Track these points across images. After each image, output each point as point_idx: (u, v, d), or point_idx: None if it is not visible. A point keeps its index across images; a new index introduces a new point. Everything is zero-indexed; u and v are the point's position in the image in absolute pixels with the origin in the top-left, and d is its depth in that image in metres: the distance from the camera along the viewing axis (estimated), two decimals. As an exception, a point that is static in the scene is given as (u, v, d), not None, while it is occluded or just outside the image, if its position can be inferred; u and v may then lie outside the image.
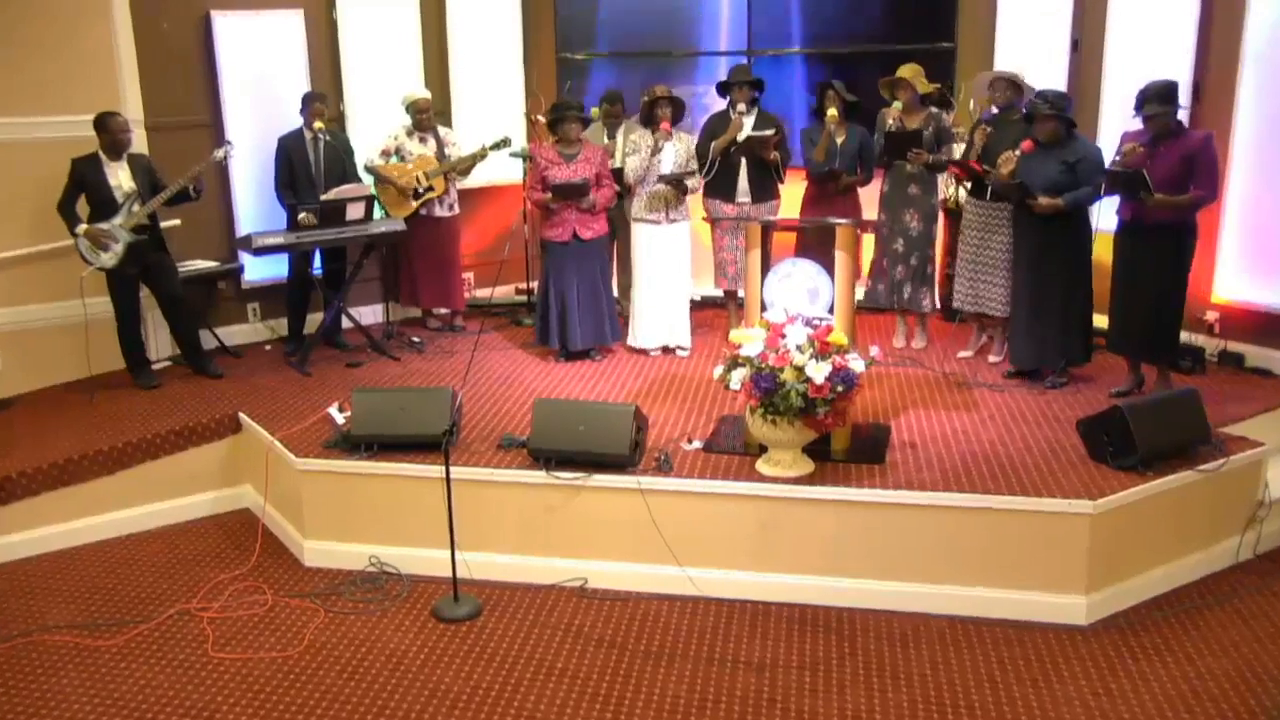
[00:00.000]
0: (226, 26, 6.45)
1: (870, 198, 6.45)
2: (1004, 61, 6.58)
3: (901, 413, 5.31)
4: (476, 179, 7.03)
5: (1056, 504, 4.30)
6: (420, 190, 6.60)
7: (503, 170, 7.24)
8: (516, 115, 7.41)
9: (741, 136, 6.27)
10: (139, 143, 6.04)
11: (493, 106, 7.40)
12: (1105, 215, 5.62)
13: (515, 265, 7.38)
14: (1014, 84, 5.75)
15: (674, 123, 6.19)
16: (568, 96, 6.99)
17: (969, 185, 6.05)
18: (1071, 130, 5.36)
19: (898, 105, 6.02)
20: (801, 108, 7.46)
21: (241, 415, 5.45)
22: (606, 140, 6.67)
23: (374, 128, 6.82)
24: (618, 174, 6.41)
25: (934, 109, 6.20)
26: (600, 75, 7.70)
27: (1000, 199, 5.67)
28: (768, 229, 5.15)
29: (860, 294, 6.47)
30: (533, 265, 7.22)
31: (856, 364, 4.45)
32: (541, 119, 6.83)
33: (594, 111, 6.56)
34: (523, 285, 7.47)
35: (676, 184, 6.13)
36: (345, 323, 6.56)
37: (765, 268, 5.05)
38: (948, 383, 5.73)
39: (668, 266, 6.24)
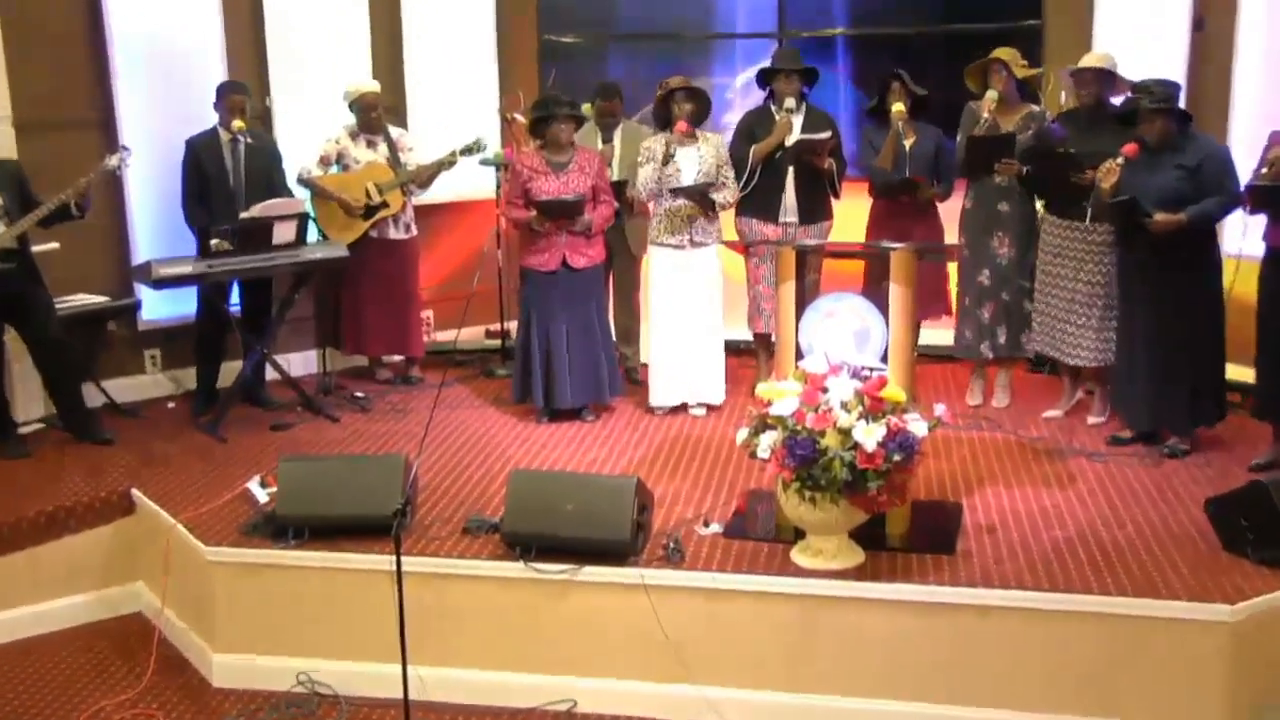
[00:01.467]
0: (121, 1, 6.48)
1: (955, 217, 6.51)
2: (1105, 43, 6.64)
3: (976, 488, 5.30)
4: (439, 192, 7.11)
5: (1182, 608, 4.20)
6: (368, 207, 6.71)
7: (472, 181, 7.32)
8: (489, 113, 7.47)
9: (790, 140, 6.37)
10: (5, 146, 6.06)
11: (459, 102, 7.47)
12: (1232, 235, 5.67)
13: (487, 301, 7.39)
14: (1104, 73, 5.79)
15: (696, 123, 6.26)
16: (555, 90, 7.13)
17: (1044, 198, 6.13)
18: (1186, 127, 5.39)
19: (993, 95, 6.08)
20: (849, 105, 7.57)
21: (135, 493, 5.42)
22: (601, 145, 6.73)
23: (309, 128, 6.87)
24: (617, 188, 6.47)
25: (1035, 106, 6.27)
26: (593, 64, 7.75)
27: (1100, 219, 5.69)
28: (806, 255, 5.20)
29: (940, 338, 6.62)
30: (510, 301, 7.23)
31: (918, 426, 4.46)
32: (521, 118, 6.93)
33: (585, 108, 6.60)
34: (496, 326, 7.50)
35: (700, 199, 6.22)
36: (270, 374, 6.59)
37: (802, 305, 5.08)
38: (1035, 450, 5.73)
39: (696, 302, 6.29)
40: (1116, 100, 5.79)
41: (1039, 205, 6.40)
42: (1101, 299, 5.86)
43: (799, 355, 4.97)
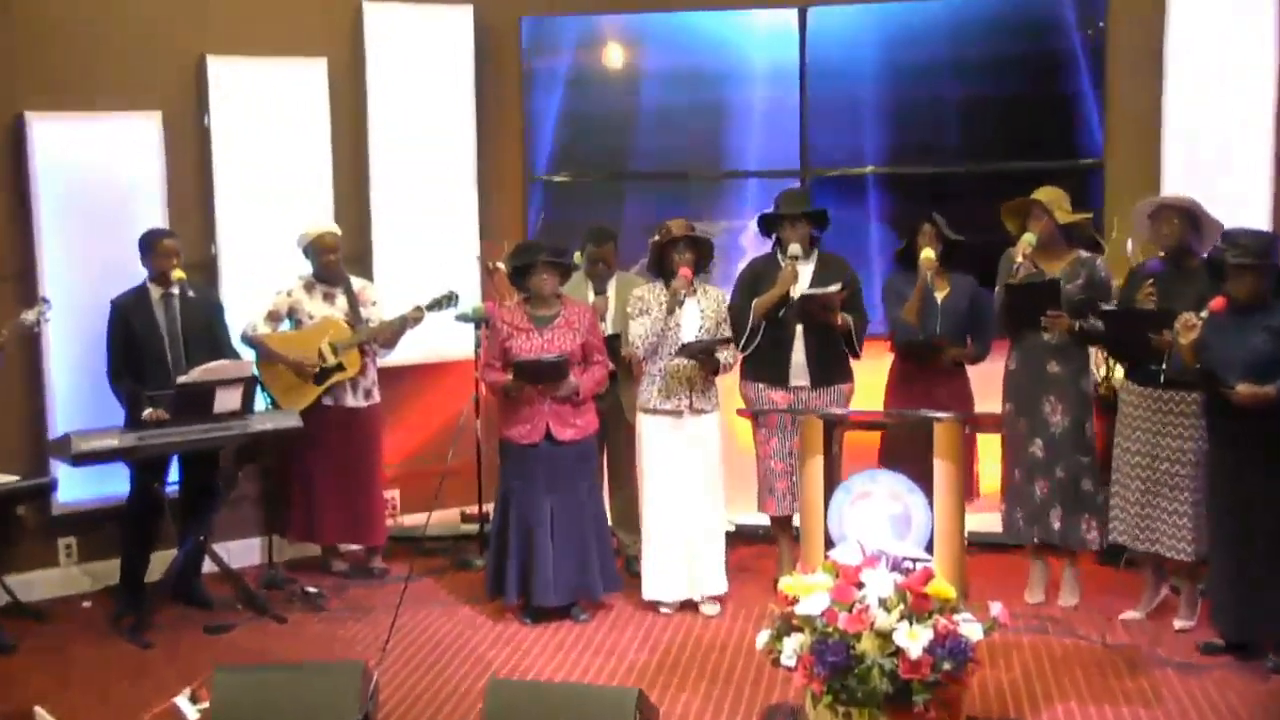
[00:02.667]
0: (48, 135, 6.64)
1: (987, 379, 6.57)
2: (1176, 183, 6.79)
3: (1042, 705, 5.25)
4: (408, 353, 7.22)
5: None
6: (322, 369, 6.79)
7: (448, 339, 7.40)
8: (467, 261, 7.63)
9: (796, 292, 6.45)
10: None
11: (431, 249, 7.64)
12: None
13: (464, 478, 7.43)
14: (1188, 216, 5.87)
15: (697, 271, 6.36)
16: (540, 238, 7.31)
17: (1123, 362, 6.25)
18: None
19: (1029, 239, 6.20)
20: (879, 252, 7.69)
21: (39, 712, 5.20)
22: (592, 296, 6.87)
23: (257, 279, 7.00)
24: (610, 344, 6.60)
25: (1083, 252, 6.35)
26: (587, 205, 7.97)
27: (1179, 385, 5.77)
28: (834, 426, 5.25)
29: (979, 522, 6.62)
30: (489, 478, 7.22)
31: (971, 629, 4.47)
32: (502, 266, 7.02)
33: (576, 257, 6.78)
34: (473, 508, 7.55)
35: (705, 357, 6.31)
36: (207, 565, 6.60)
37: (831, 483, 5.10)
38: (1111, 659, 5.67)
39: (693, 479, 6.35)
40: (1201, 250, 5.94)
41: (1099, 365, 6.54)
42: (1192, 479, 5.84)
43: (828, 544, 4.97)
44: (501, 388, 6.23)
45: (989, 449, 6.66)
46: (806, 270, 6.51)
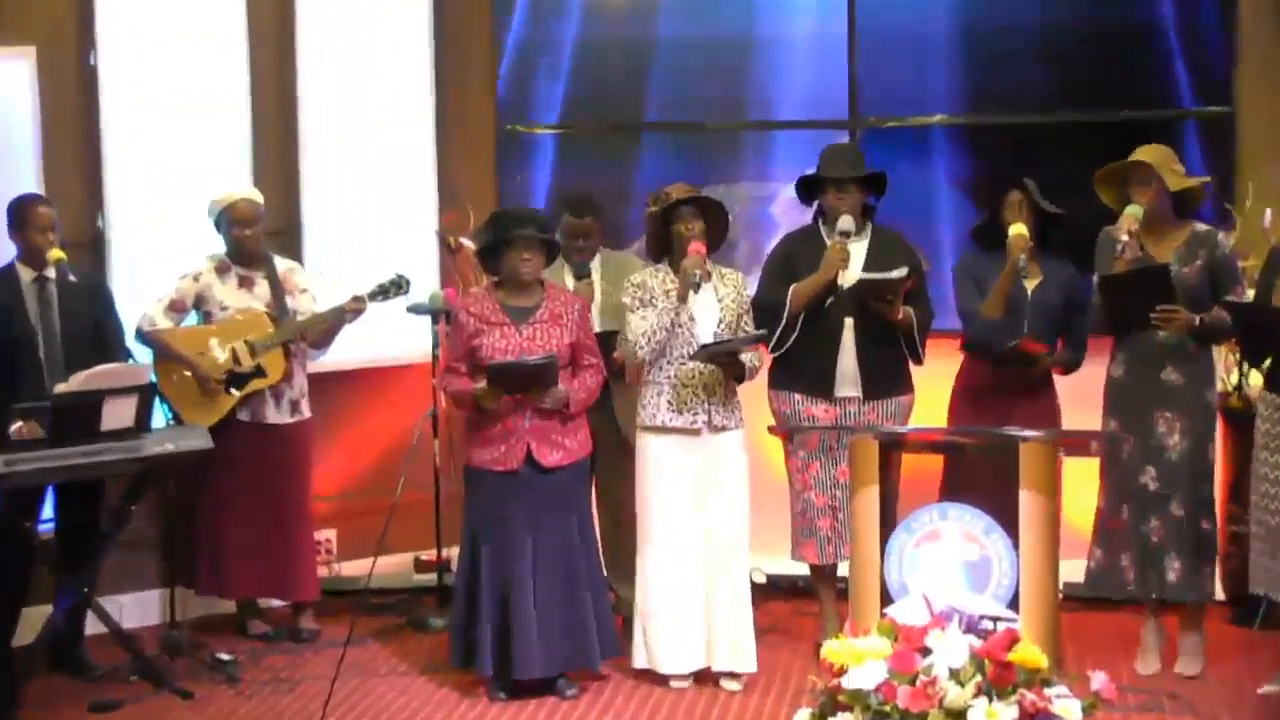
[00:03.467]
0: None
1: (1084, 388, 6.54)
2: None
3: (1159, 804, 5.48)
4: (344, 354, 7.22)
5: None
6: (236, 375, 6.81)
7: (395, 338, 7.44)
8: (422, 236, 7.69)
9: (846, 278, 6.46)
10: None
11: (376, 221, 7.67)
12: None
13: (416, 515, 7.38)
14: None
15: (712, 247, 6.38)
16: (518, 206, 7.26)
17: (1258, 365, 6.26)
18: None
19: (1134, 211, 6.18)
20: (948, 227, 7.71)
21: None
22: (570, 281, 6.89)
23: (156, 259, 7.04)
24: (603, 342, 6.58)
25: (1199, 225, 6.36)
26: (574, 163, 8.03)
27: None
28: (893, 448, 5.27)
29: (1076, 570, 6.52)
30: (451, 515, 7.18)
31: (1067, 707, 4.42)
32: (468, 244, 7.16)
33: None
34: (429, 553, 7.55)
35: (727, 361, 6.31)
36: (92, 624, 6.54)
37: (888, 521, 5.11)
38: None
39: (712, 515, 6.34)
40: None
41: (1227, 370, 6.65)
42: None
43: (884, 599, 4.97)
44: (469, 398, 6.21)
45: (1077, 478, 6.55)
46: (858, 250, 6.48)
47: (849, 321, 6.44)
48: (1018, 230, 6.38)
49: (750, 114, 7.98)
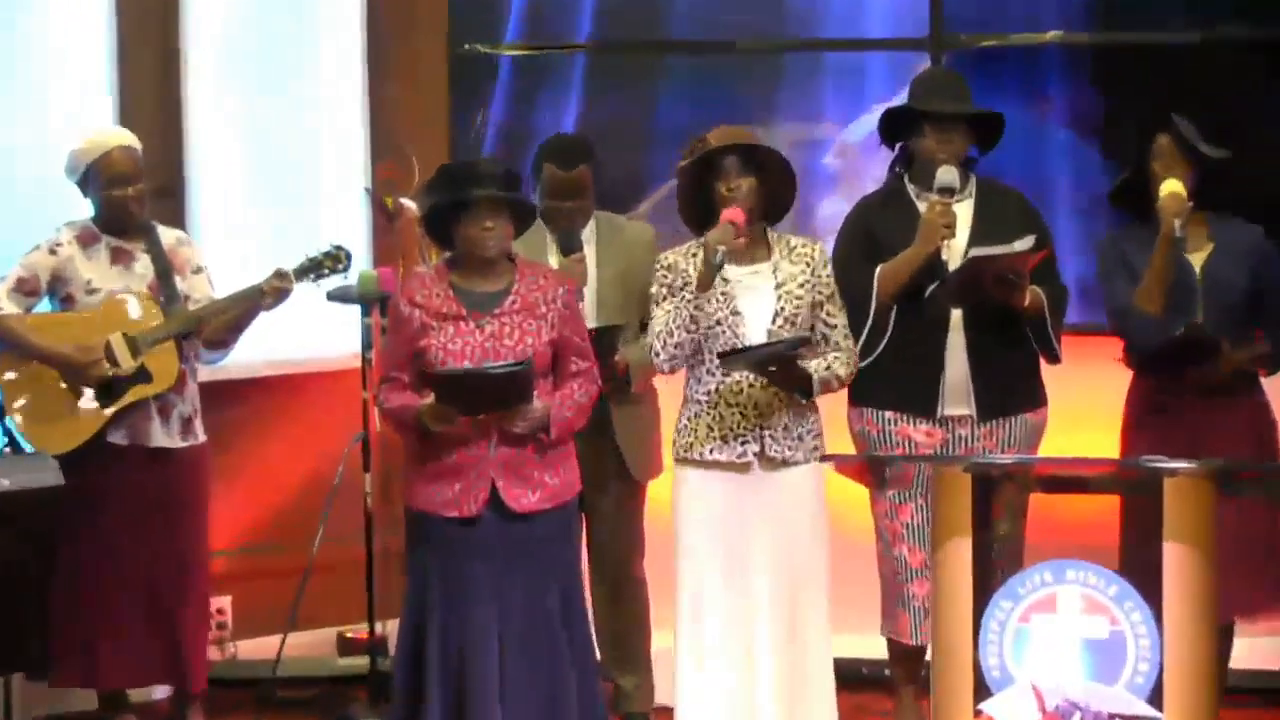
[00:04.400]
0: None
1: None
2: None
3: None
4: (241, 356, 7.23)
5: None
6: (109, 381, 6.76)
7: (311, 335, 7.58)
8: (348, 196, 7.86)
9: (951, 252, 6.45)
10: None
11: (287, 175, 7.84)
12: None
13: (341, 578, 7.49)
14: None
15: (772, 219, 6.37)
16: (478, 156, 7.64)
17: None
18: None
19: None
20: (1064, 185, 7.85)
21: None
22: (555, 258, 6.89)
23: (6, 224, 7.20)
24: (600, 341, 6.60)
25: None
26: (559, 96, 8.15)
27: None
28: (997, 483, 5.29)
29: (1251, 653, 6.85)
30: (389, 578, 7.27)
31: None
32: (410, 206, 7.26)
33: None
34: (358, 629, 7.56)
35: (783, 372, 6.22)
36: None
37: (985, 586, 5.14)
38: None
39: (772, 583, 6.30)
40: None
41: None
42: None
43: (979, 690, 5.06)
44: (411, 419, 6.11)
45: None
46: (962, 215, 6.48)
47: (956, 314, 6.43)
48: (1170, 188, 6.34)
49: (795, 31, 8.05)
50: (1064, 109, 7.74)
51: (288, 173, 7.81)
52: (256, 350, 7.29)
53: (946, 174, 6.37)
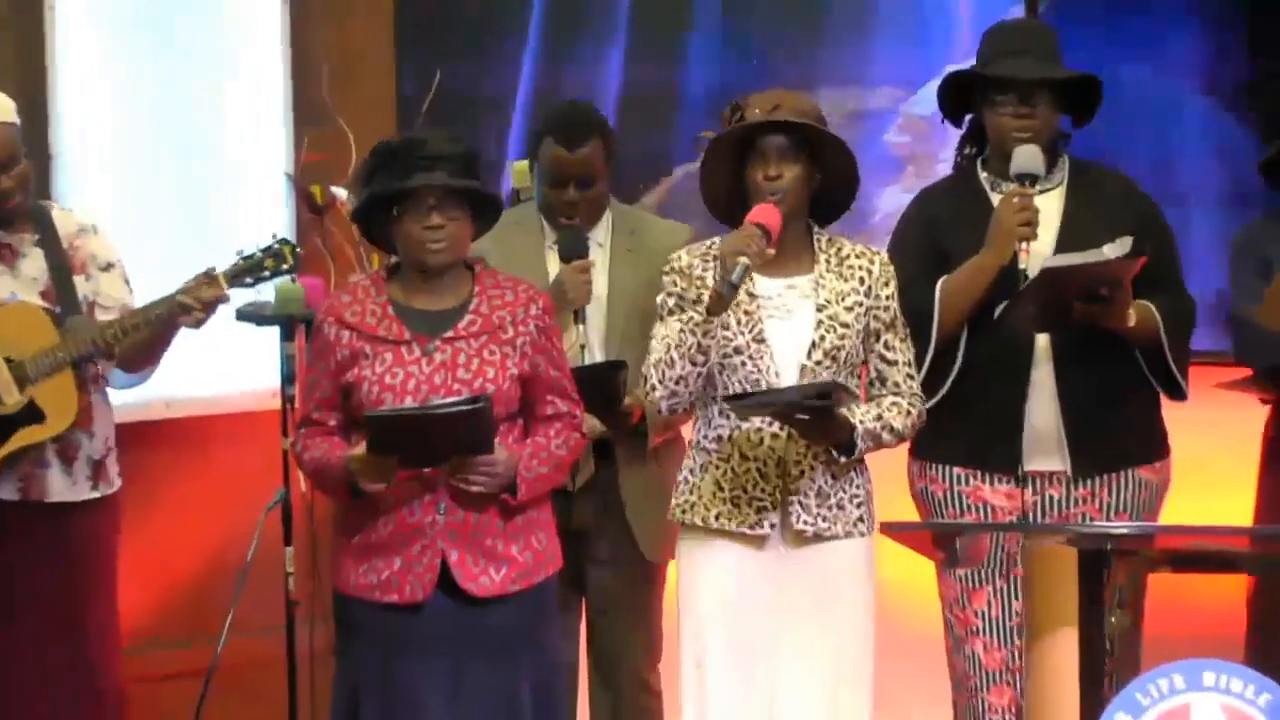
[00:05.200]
0: None
1: None
2: None
3: None
4: (165, 386, 7.32)
5: None
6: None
7: (214, 364, 7.69)
8: (264, 183, 8.03)
9: (1030, 261, 6.35)
10: None
11: (186, 154, 7.98)
12: None
13: (254, 681, 7.65)
14: None
15: (822, 216, 6.35)
16: (429, 128, 7.32)
17: None
18: None
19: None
20: (1193, 163, 8.10)
21: None
22: (553, 266, 6.88)
23: None
24: (599, 378, 6.61)
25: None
26: (556, 51, 8.29)
27: None
28: (1114, 560, 5.27)
29: None
30: (312, 676, 7.47)
31: None
32: (342, 196, 7.20)
33: (517, 170, 7.08)
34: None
35: (818, 424, 6.14)
36: None
37: (1096, 693, 5.13)
38: None
39: (808, 684, 6.29)
40: None
41: None
42: None
43: None
44: (338, 473, 6.02)
45: None
46: (1049, 207, 6.43)
47: (1043, 339, 6.40)
48: None
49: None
50: (1200, 70, 7.71)
51: (182, 152, 7.85)
52: (146, 386, 7.19)
53: (1027, 157, 6.34)
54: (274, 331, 7.21)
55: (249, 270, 6.78)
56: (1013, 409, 6.42)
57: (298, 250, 6.93)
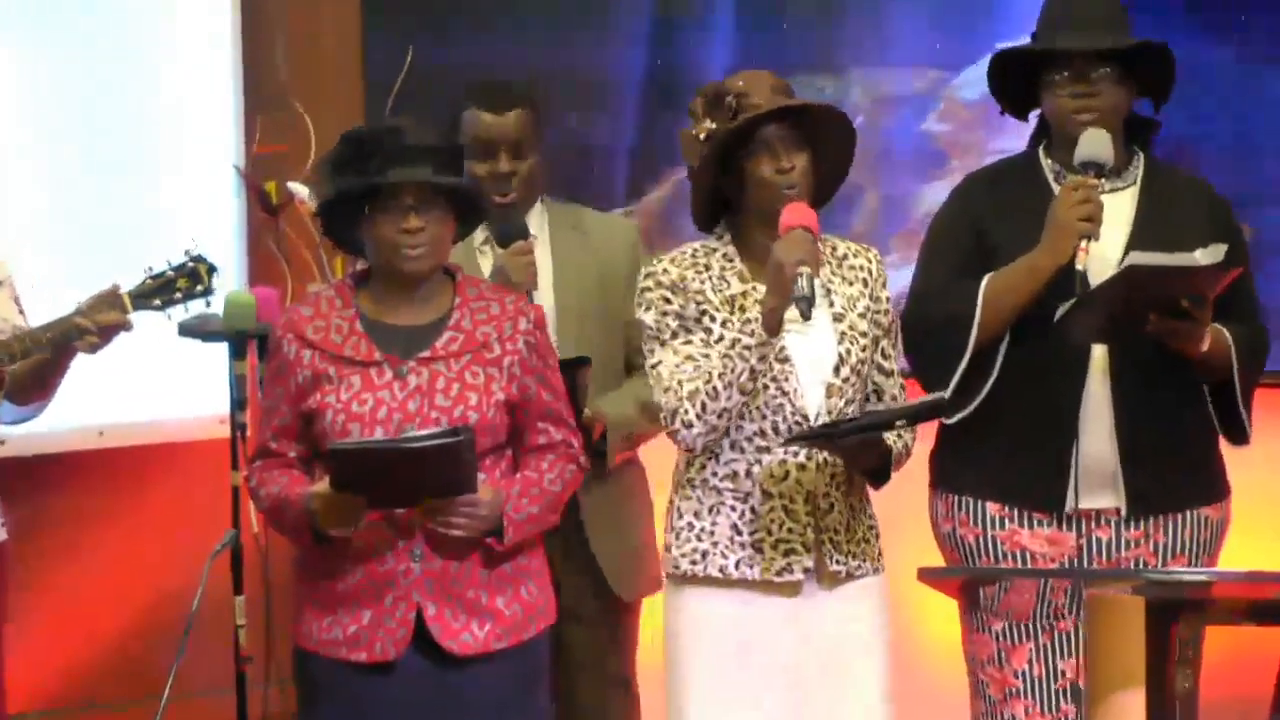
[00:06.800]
0: None
1: None
2: None
3: None
4: (61, 417, 7.07)
5: None
6: None
7: (156, 388, 7.71)
8: (214, 181, 7.96)
9: (1096, 262, 6.21)
10: None
11: (118, 145, 7.95)
12: None
13: None
14: None
15: (817, 205, 6.11)
16: (401, 117, 7.29)
17: None
18: None
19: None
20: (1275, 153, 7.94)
21: None
22: (487, 259, 6.93)
23: None
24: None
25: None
26: (528, 32, 8.25)
27: None
28: (1174, 612, 5.20)
29: None
30: None
31: None
32: (302, 193, 6.98)
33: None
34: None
35: (854, 448, 6.08)
36: None
37: None
38: None
39: None
40: None
41: None
42: None
43: None
44: (298, 513, 5.87)
45: None
46: (1120, 207, 6.31)
47: (1100, 353, 6.28)
48: None
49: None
50: (1270, 42, 7.68)
51: (111, 140, 7.76)
52: (74, 411, 7.13)
53: (1093, 142, 6.23)
54: (222, 349, 7.13)
55: (158, 291, 6.71)
56: (1062, 436, 6.33)
57: (215, 270, 6.82)
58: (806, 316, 5.95)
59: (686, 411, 6.10)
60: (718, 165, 6.22)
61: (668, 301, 6.16)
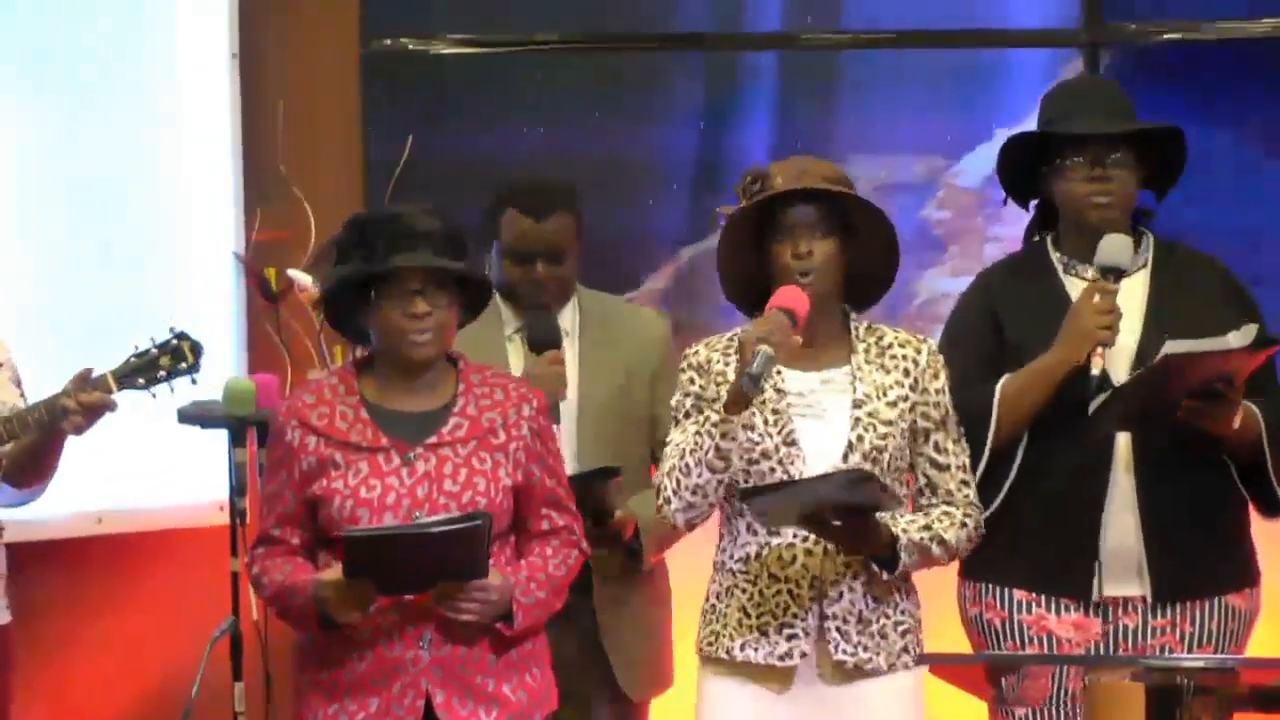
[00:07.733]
0: None
1: None
2: None
3: None
4: (57, 503, 7.17)
5: None
6: None
7: (154, 474, 7.69)
8: (213, 265, 7.99)
9: (1113, 362, 6.36)
10: None
11: (114, 230, 8.03)
12: None
13: None
14: None
15: (859, 300, 6.35)
16: (403, 202, 7.30)
17: None
18: None
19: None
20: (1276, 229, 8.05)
21: None
22: (517, 357, 6.94)
23: None
24: (585, 490, 6.49)
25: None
26: (538, 115, 8.29)
27: None
28: (1176, 698, 5.33)
29: None
30: None
31: None
32: (304, 281, 6.99)
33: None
34: None
35: (851, 524, 6.04)
36: None
37: None
38: None
39: None
40: None
41: None
42: None
43: None
44: (304, 601, 5.92)
45: None
46: (1134, 293, 6.44)
47: (1124, 440, 6.35)
48: None
49: (852, 22, 8.13)
50: (1271, 132, 7.74)
51: (114, 228, 7.83)
52: (73, 498, 7.18)
53: (1114, 247, 6.29)
54: (221, 435, 7.11)
55: (142, 370, 6.75)
56: (1088, 524, 6.34)
57: (199, 347, 6.84)
58: (749, 393, 5.97)
59: (666, 488, 6.21)
60: (748, 245, 6.29)
61: (692, 382, 6.25)
